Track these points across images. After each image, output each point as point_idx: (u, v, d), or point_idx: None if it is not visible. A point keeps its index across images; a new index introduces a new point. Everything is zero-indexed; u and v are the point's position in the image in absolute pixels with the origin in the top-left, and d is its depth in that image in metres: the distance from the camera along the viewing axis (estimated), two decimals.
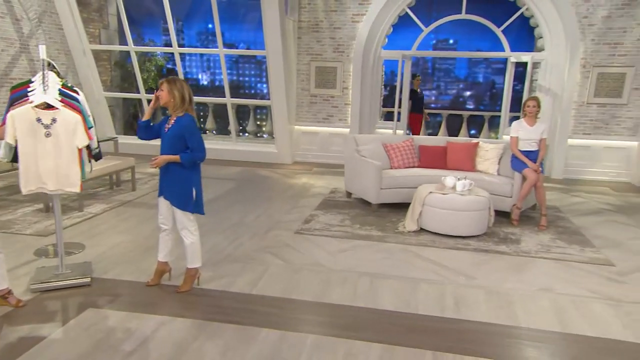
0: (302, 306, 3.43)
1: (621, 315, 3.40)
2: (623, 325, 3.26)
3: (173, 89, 3.21)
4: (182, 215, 3.37)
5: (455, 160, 6.37)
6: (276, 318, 3.23)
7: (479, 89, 13.25)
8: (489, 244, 4.90)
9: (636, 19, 7.73)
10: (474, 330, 3.17)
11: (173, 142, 3.24)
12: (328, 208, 6.10)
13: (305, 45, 9.02)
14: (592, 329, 3.21)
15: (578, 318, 3.35)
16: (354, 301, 3.53)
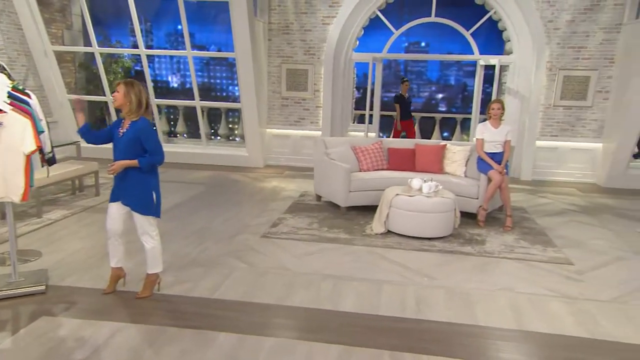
0: (264, 309, 3.47)
1: (575, 312, 3.56)
2: (576, 322, 3.41)
3: (130, 92, 3.21)
4: (143, 219, 3.37)
5: (423, 162, 6.51)
6: (236, 322, 3.26)
7: (451, 91, 13.53)
8: (454, 245, 5.03)
9: (598, 23, 8.05)
10: (433, 330, 3.27)
11: (129, 147, 3.24)
12: (297, 211, 6.15)
13: (275, 47, 9.08)
14: (547, 326, 3.35)
15: (534, 316, 3.49)
16: (317, 304, 3.59)
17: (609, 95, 8.29)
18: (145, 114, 3.30)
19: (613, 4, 7.93)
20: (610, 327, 3.34)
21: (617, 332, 3.27)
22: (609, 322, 3.40)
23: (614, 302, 3.72)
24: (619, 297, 3.83)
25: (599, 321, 3.42)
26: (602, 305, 3.67)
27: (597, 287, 4.01)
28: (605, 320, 3.42)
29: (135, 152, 3.26)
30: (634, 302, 3.73)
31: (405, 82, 9.50)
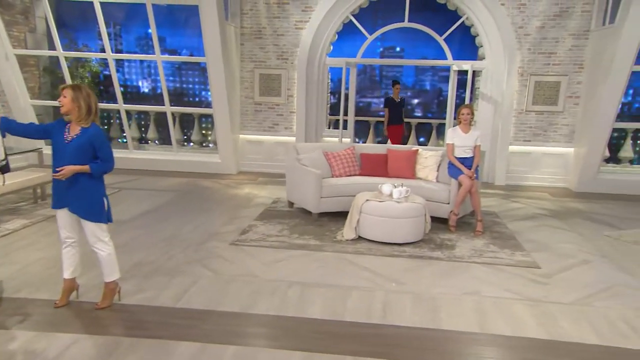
0: (227, 317, 3.49)
1: (538, 314, 3.67)
2: (538, 324, 3.52)
3: (79, 97, 3.20)
4: (94, 227, 3.36)
5: (395, 168, 6.62)
6: (198, 330, 3.27)
7: (426, 96, 13.77)
8: (425, 251, 5.13)
9: (567, 30, 8.34)
10: (397, 335, 3.34)
11: (79, 153, 3.22)
12: (268, 218, 6.18)
13: (248, 52, 9.13)
14: (509, 328, 3.46)
15: (497, 318, 3.59)
16: (282, 311, 3.62)
17: (579, 100, 8.58)
18: (95, 119, 3.29)
19: (581, 11, 8.23)
20: (570, 328, 3.46)
21: (576, 333, 3.39)
22: (570, 324, 3.52)
23: (576, 305, 3.86)
24: (581, 299, 3.96)
25: (560, 323, 3.54)
26: (564, 307, 3.80)
27: (561, 290, 4.14)
28: (566, 322, 3.55)
29: (86, 158, 3.25)
30: (595, 304, 3.87)
31: (396, 85, 9.27)
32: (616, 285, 4.26)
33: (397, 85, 9.23)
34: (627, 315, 3.67)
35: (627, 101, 10.90)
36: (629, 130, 9.41)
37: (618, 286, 4.24)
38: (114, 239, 3.56)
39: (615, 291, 4.13)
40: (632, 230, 6.06)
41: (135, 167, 9.23)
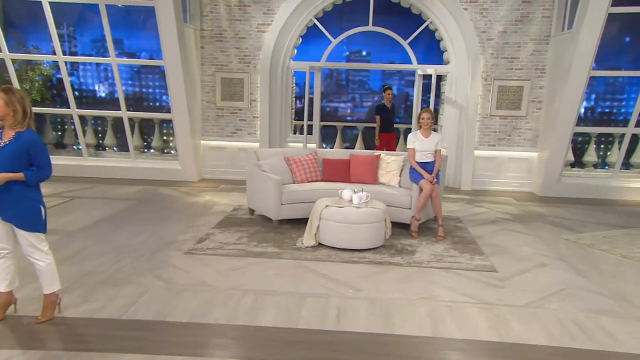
0: (176, 328, 3.49)
1: (490, 317, 3.81)
2: (489, 327, 3.66)
3: (13, 101, 3.16)
4: (31, 237, 3.31)
5: (358, 173, 6.73)
6: (144, 342, 3.27)
7: (393, 101, 14.02)
8: (384, 256, 5.24)
9: (529, 35, 8.68)
10: (349, 341, 3.41)
11: (12, 159, 3.17)
12: (227, 226, 6.19)
13: (209, 55, 9.14)
14: (460, 331, 3.58)
15: (450, 322, 3.71)
16: (234, 320, 3.65)
17: (542, 105, 8.92)
18: (30, 123, 3.26)
19: (541, 17, 8.58)
20: (521, 330, 3.60)
21: (526, 335, 3.54)
22: (521, 326, 3.67)
23: (529, 307, 4.01)
24: (534, 301, 4.13)
25: (512, 325, 3.68)
26: (517, 310, 3.95)
27: (515, 293, 4.30)
28: (517, 324, 3.69)
29: (20, 165, 3.20)
30: (547, 306, 4.04)
31: (387, 90, 8.73)
32: (570, 288, 4.45)
33: (388, 91, 8.70)
34: (577, 316, 3.84)
35: (590, 106, 11.40)
36: (593, 135, 9.82)
37: (571, 288, 4.43)
38: (62, 249, 3.55)
39: (568, 293, 4.32)
40: (590, 233, 6.32)
41: (91, 175, 9.09)
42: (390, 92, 8.68)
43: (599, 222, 6.99)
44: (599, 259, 5.29)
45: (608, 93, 11.43)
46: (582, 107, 9.17)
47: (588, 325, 3.68)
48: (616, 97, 11.20)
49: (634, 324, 3.72)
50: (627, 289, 4.45)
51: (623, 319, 3.80)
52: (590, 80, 8.11)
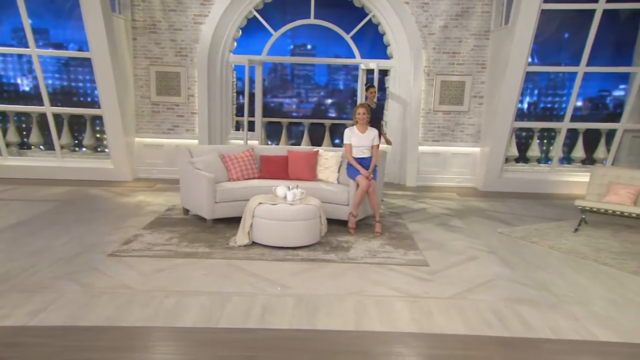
0: (89, 332, 3.48)
1: (415, 310, 4.00)
2: (412, 319, 3.84)
3: None
4: None
5: (296, 170, 6.84)
6: (51, 349, 3.24)
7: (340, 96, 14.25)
8: (319, 253, 5.37)
9: (469, 30, 9.06)
10: (271, 338, 3.51)
11: None
12: (158, 227, 6.16)
13: (142, 47, 9.01)
14: (383, 324, 3.75)
15: (374, 316, 3.87)
16: (152, 321, 3.67)
17: (483, 100, 9.32)
18: None
19: (481, 12, 8.97)
20: (442, 321, 3.81)
21: (446, 325, 3.75)
22: (442, 317, 3.87)
23: (453, 299, 4.24)
24: (459, 293, 4.36)
25: (434, 316, 3.88)
26: (441, 301, 4.17)
27: (443, 286, 4.53)
28: (439, 315, 3.90)
29: None
30: (471, 297, 4.28)
31: (371, 89, 8.08)
32: (495, 279, 4.72)
33: (371, 89, 8.07)
34: (497, 306, 4.10)
35: (533, 101, 12.03)
36: (535, 130, 10.36)
37: (497, 279, 4.71)
38: None
39: (492, 284, 4.58)
40: (524, 226, 6.69)
41: (12, 175, 8.79)
42: (373, 91, 8.09)
43: (534, 215, 7.40)
44: (528, 251, 5.62)
45: (550, 88, 12.06)
46: (525, 103, 9.64)
47: (506, 314, 3.94)
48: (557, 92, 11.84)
49: (549, 312, 4.01)
50: (549, 278, 4.77)
51: (540, 307, 4.08)
52: (532, 76, 8.60)
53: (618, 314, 3.99)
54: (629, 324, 3.82)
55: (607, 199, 6.25)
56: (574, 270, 5.00)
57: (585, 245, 5.78)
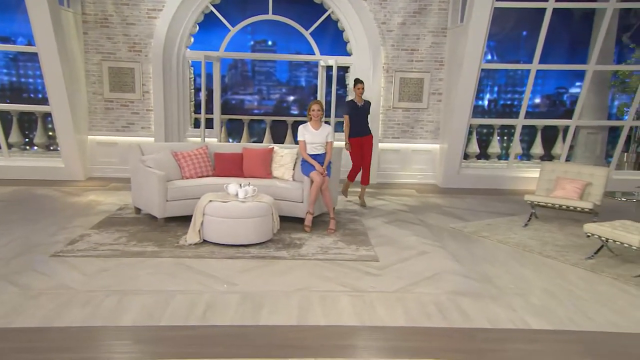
0: (19, 334, 3.46)
1: (359, 304, 4.11)
2: (355, 312, 3.96)
3: None
4: None
5: (251, 167, 6.89)
6: None
7: (302, 93, 14.32)
8: (270, 251, 5.44)
9: (427, 27, 9.26)
10: (212, 334, 3.56)
11: None
12: (107, 226, 6.12)
13: (93, 42, 8.89)
14: (326, 318, 3.85)
15: (318, 311, 3.97)
16: (89, 322, 3.67)
17: (442, 97, 9.55)
18: None
19: (438, 9, 9.18)
20: (384, 314, 3.93)
21: (387, 318, 3.87)
22: (385, 310, 4.00)
23: (398, 292, 4.37)
24: (404, 287, 4.50)
25: (377, 310, 4.00)
26: (386, 295, 4.29)
27: (389, 280, 4.65)
28: (382, 309, 4.02)
29: None
30: (415, 291, 4.42)
31: (358, 84, 7.45)
32: (441, 273, 4.88)
33: (359, 85, 7.45)
34: (440, 298, 4.25)
35: (494, 98, 12.38)
36: (496, 127, 10.67)
37: (443, 273, 4.87)
38: None
39: (438, 278, 4.74)
40: (477, 221, 6.91)
41: None
42: (361, 87, 7.47)
43: (489, 210, 7.64)
44: (477, 245, 5.82)
45: (509, 85, 12.44)
46: (486, 100, 9.91)
47: (447, 306, 4.09)
48: (517, 89, 12.20)
49: (489, 303, 4.18)
50: (494, 271, 4.96)
51: (481, 299, 4.25)
52: (492, 73, 8.88)
53: (554, 304, 4.19)
54: (562, 313, 4.02)
55: (555, 193, 6.51)
56: (519, 263, 5.21)
57: (533, 239, 6.02)
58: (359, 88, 7.47)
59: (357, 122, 7.55)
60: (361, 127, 7.60)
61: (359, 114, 7.55)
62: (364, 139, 7.64)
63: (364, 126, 7.63)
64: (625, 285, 4.61)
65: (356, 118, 7.53)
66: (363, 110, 7.58)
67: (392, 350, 3.42)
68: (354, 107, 7.55)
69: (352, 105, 7.54)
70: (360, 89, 7.47)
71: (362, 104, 7.55)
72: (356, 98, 7.52)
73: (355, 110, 7.54)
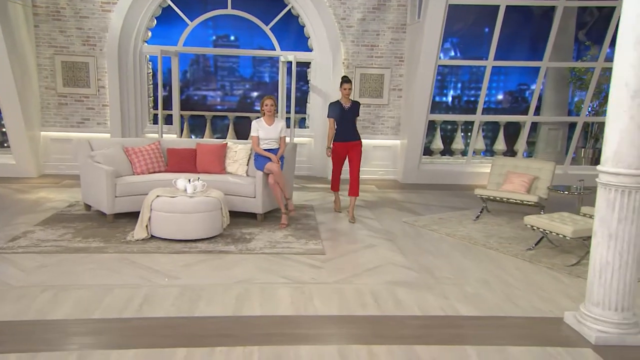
0: None
1: (297, 295, 4.24)
2: (291, 303, 4.09)
3: None
4: None
5: (204, 162, 6.96)
6: None
7: (265, 89, 14.39)
8: (218, 245, 5.53)
9: (386, 23, 9.44)
10: (142, 326, 3.64)
11: None
12: (53, 223, 6.12)
13: (45, 35, 8.83)
14: (262, 308, 3.97)
15: (255, 302, 4.08)
16: (19, 316, 3.72)
17: (402, 93, 9.75)
18: None
19: (397, 5, 9.37)
20: (320, 304, 4.07)
21: (322, 308, 4.01)
22: (321, 301, 4.13)
23: (337, 284, 4.52)
24: (344, 278, 4.64)
25: (313, 300, 4.13)
26: (325, 286, 4.43)
27: (331, 272, 4.80)
28: (318, 300, 4.16)
29: None
30: (354, 282, 4.57)
31: (345, 84, 6.73)
32: (384, 265, 5.04)
33: (345, 85, 6.72)
34: (377, 288, 4.40)
35: (457, 94, 12.67)
36: (460, 123, 10.92)
37: (385, 265, 5.03)
38: None
39: (380, 269, 4.90)
40: (429, 216, 7.11)
41: None
42: (348, 87, 6.73)
43: (444, 205, 7.86)
44: (425, 238, 6.01)
45: (473, 82, 12.74)
46: (450, 96, 10.14)
47: (383, 295, 4.25)
48: (479, 85, 12.51)
49: (424, 292, 4.35)
50: (436, 262, 5.14)
51: (417, 288, 4.43)
52: (455, 69, 9.06)
53: (486, 292, 4.39)
54: (492, 300, 4.22)
55: (504, 187, 6.75)
56: (462, 255, 5.42)
57: (480, 232, 6.24)
58: (345, 88, 6.73)
59: (343, 126, 6.82)
60: (347, 132, 6.84)
61: (346, 117, 6.78)
62: (350, 144, 6.87)
63: (350, 131, 6.88)
64: (558, 274, 4.85)
65: (342, 121, 6.79)
66: (350, 113, 6.83)
67: (320, 337, 3.56)
68: (340, 109, 6.77)
69: (337, 108, 6.79)
70: (347, 89, 6.73)
71: (350, 105, 6.82)
72: (342, 99, 6.82)
73: (341, 113, 6.77)
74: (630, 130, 3.19)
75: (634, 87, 3.15)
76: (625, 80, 3.18)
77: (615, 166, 3.26)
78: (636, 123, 3.17)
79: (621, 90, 3.21)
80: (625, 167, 3.21)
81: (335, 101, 6.92)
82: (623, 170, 3.22)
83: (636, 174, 3.20)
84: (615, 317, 3.38)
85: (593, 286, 3.47)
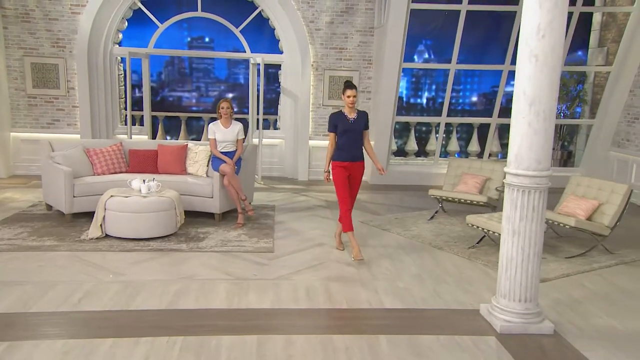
0: None
1: (234, 290, 4.48)
2: (227, 298, 4.32)
3: None
4: None
5: (165, 163, 7.19)
6: None
7: (241, 90, 14.63)
8: (171, 244, 5.76)
9: (354, 26, 9.70)
10: (78, 319, 3.88)
11: None
12: (12, 223, 6.34)
13: (14, 37, 9.05)
14: (197, 302, 4.21)
15: (191, 297, 4.32)
16: None
17: (371, 95, 10.01)
18: None
19: (365, 8, 9.64)
20: (254, 299, 4.31)
21: (254, 302, 4.25)
22: (256, 296, 4.37)
23: (276, 280, 4.75)
24: (285, 275, 4.88)
25: (249, 295, 4.37)
26: (264, 282, 4.67)
27: (275, 269, 5.03)
28: (254, 295, 4.39)
29: None
30: (293, 278, 4.81)
31: (348, 90, 5.41)
32: (327, 262, 5.28)
33: (348, 92, 5.41)
34: (313, 284, 4.64)
35: (432, 96, 12.95)
36: (433, 124, 11.17)
37: (328, 262, 5.27)
38: None
39: (322, 266, 5.14)
40: (386, 216, 7.36)
41: None
42: (352, 95, 5.42)
43: (405, 205, 8.11)
44: (375, 238, 6.25)
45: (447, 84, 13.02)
46: (424, 98, 10.40)
47: (317, 290, 4.49)
48: (454, 87, 12.80)
49: (357, 287, 4.60)
50: (378, 260, 5.38)
51: (350, 283, 4.68)
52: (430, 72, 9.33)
53: (416, 287, 4.64)
54: (419, 294, 4.47)
55: (457, 188, 7.01)
56: (405, 253, 5.66)
57: (430, 232, 6.49)
58: (348, 96, 5.40)
59: (347, 142, 5.51)
60: (351, 150, 5.55)
61: (351, 132, 5.48)
62: (352, 165, 5.60)
63: (355, 148, 5.58)
64: (491, 270, 5.09)
65: (346, 136, 5.49)
66: (356, 127, 5.51)
67: (244, 328, 3.79)
68: (343, 121, 5.49)
69: (339, 120, 5.50)
70: (351, 96, 5.40)
71: (355, 117, 5.52)
72: (346, 109, 5.52)
73: (345, 126, 5.47)
74: (528, 135, 3.46)
75: (531, 96, 3.42)
76: (523, 89, 3.46)
77: (516, 168, 3.53)
78: (533, 129, 3.44)
79: (520, 98, 3.48)
80: (524, 168, 3.48)
81: (337, 112, 5.61)
82: (522, 172, 3.48)
83: (534, 175, 3.47)
84: (519, 308, 3.64)
85: (501, 279, 3.73)
